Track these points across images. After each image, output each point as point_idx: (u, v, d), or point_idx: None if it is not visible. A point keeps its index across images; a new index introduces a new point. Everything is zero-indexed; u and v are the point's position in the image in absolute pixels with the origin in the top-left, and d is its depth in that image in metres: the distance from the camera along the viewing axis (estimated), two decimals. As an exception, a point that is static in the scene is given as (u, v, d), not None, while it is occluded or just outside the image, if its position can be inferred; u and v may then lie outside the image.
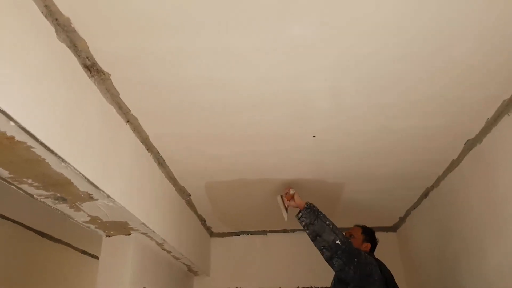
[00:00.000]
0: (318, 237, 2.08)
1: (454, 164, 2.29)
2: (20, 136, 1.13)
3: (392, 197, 2.91)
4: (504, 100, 1.71)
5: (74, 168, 1.34)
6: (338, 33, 1.33)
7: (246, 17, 1.25)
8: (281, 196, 2.50)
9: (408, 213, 3.19)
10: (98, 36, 1.32)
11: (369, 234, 2.53)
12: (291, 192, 2.36)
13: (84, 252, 4.30)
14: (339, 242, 2.03)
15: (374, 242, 2.52)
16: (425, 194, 2.77)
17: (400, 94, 1.68)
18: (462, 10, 1.25)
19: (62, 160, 1.28)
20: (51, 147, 1.20)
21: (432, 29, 1.32)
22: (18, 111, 1.06)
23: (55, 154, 1.24)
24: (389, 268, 3.60)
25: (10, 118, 1.04)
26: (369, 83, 1.60)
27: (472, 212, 2.18)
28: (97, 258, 4.56)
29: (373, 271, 2.14)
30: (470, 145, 2.07)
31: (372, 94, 1.68)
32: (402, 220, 3.37)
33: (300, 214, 2.17)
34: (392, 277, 2.31)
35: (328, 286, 2.47)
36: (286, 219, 2.47)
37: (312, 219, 2.04)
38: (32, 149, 1.21)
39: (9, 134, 1.12)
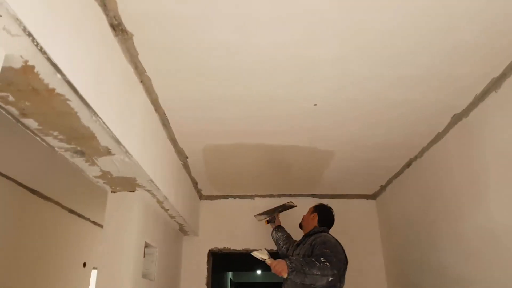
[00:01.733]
0: (312, 285, 2.16)
1: (439, 136, 2.48)
2: (62, 89, 1.20)
3: (376, 166, 3.10)
4: (493, 78, 1.88)
5: (103, 122, 1.42)
6: (349, 5, 1.43)
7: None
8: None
9: (389, 182, 3.40)
10: (128, -4, 1.37)
11: (319, 207, 2.72)
12: (268, 262, 2.25)
13: (71, 211, 4.37)
14: (331, 278, 2.11)
15: (323, 214, 2.66)
16: (408, 164, 2.97)
17: (396, 66, 1.81)
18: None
19: (94, 113, 1.36)
20: (88, 100, 1.28)
21: (430, 9, 1.45)
22: (65, 64, 1.12)
23: (89, 108, 1.32)
24: (367, 233, 3.87)
25: (58, 70, 1.10)
26: (370, 53, 1.72)
27: (452, 181, 2.39)
28: (83, 217, 4.65)
29: (345, 258, 2.30)
30: (457, 118, 2.25)
31: (372, 64, 1.80)
32: (382, 188, 3.59)
33: (289, 278, 2.14)
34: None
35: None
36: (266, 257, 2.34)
37: (302, 277, 2.09)
38: (68, 102, 1.28)
39: (51, 86, 1.19)
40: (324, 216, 2.67)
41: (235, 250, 3.77)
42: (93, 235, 4.90)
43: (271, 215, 3.30)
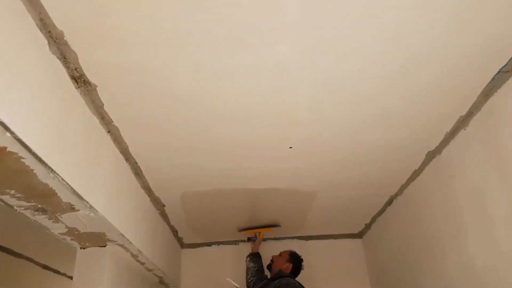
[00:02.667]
0: None
1: (416, 173, 2.46)
2: (13, 147, 1.14)
3: (359, 205, 3.06)
4: (461, 116, 1.89)
5: (62, 179, 1.35)
6: (317, 54, 1.44)
7: (235, 38, 1.33)
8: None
9: (373, 220, 3.35)
10: (88, 48, 1.35)
11: (295, 258, 2.84)
12: None
13: (46, 267, 4.15)
14: None
15: (297, 266, 2.81)
16: (390, 202, 2.94)
17: (368, 109, 1.81)
18: (425, 35, 1.39)
19: (51, 170, 1.29)
20: (43, 158, 1.21)
21: (396, 52, 1.46)
22: (14, 122, 1.07)
23: (45, 165, 1.25)
24: (355, 272, 3.82)
25: (7, 128, 1.05)
26: (342, 98, 1.72)
27: (433, 218, 2.35)
28: (59, 273, 4.43)
29: None
30: (431, 156, 2.25)
31: (345, 108, 1.80)
32: (367, 227, 3.53)
33: None
34: None
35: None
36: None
37: None
38: (22, 159, 1.21)
39: (1, 144, 1.13)
40: (297, 267, 2.80)
41: (220, 300, 3.59)
42: (70, 291, 4.64)
43: (253, 234, 3.26)
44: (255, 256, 3.10)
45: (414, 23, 1.33)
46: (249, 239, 3.24)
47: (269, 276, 2.89)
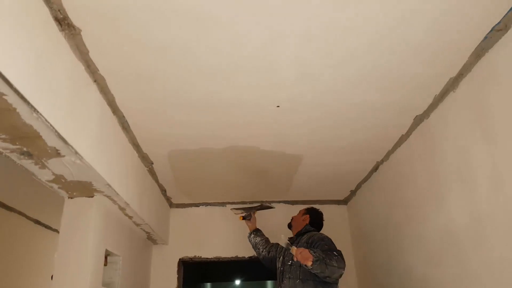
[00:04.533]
0: (328, 278, 2.24)
1: (403, 139, 2.49)
2: (-6, 82, 1.14)
3: (345, 171, 3.10)
4: (450, 78, 1.89)
5: (45, 120, 1.36)
6: (303, 5, 1.42)
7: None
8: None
9: (358, 186, 3.41)
10: (72, -11, 1.32)
11: (311, 210, 2.83)
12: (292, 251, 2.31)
13: (37, 222, 4.21)
14: (342, 272, 2.25)
15: (314, 216, 2.77)
16: (375, 168, 2.98)
17: (357, 69, 1.81)
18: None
19: (34, 110, 1.29)
20: (25, 95, 1.22)
21: (388, 6, 1.44)
22: (-6, 55, 1.06)
23: (28, 103, 1.25)
24: (338, 238, 3.89)
25: (-14, 61, 1.04)
26: (331, 55, 1.72)
27: (416, 183, 2.40)
28: (50, 228, 4.49)
29: None
30: (418, 120, 2.26)
31: (333, 67, 1.79)
32: (353, 193, 3.59)
33: (311, 267, 2.20)
34: None
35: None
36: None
37: (323, 268, 2.16)
38: (4, 96, 1.21)
39: (-19, 79, 1.12)
40: (315, 218, 2.76)
41: (206, 258, 3.70)
42: (61, 247, 4.72)
43: (248, 212, 3.21)
44: (256, 232, 3.09)
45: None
46: (244, 218, 3.20)
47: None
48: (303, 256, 2.16)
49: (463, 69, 1.82)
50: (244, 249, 3.62)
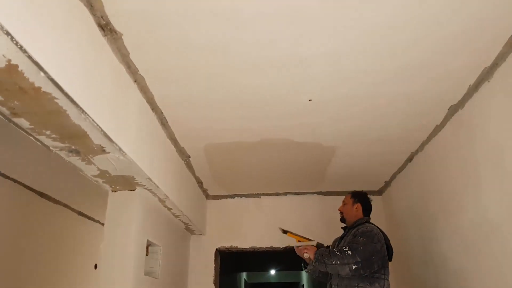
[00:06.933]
0: (338, 275, 2.20)
1: (437, 129, 2.46)
2: (47, 87, 1.24)
3: (379, 162, 3.09)
4: (485, 68, 1.86)
5: (92, 120, 1.46)
6: (336, 1, 1.44)
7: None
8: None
9: (393, 177, 3.38)
10: (113, -4, 1.41)
11: (358, 195, 2.59)
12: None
13: (81, 214, 4.45)
14: (355, 267, 2.09)
15: (365, 202, 2.56)
16: (410, 158, 2.95)
17: (390, 60, 1.81)
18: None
19: (82, 111, 1.40)
20: (74, 98, 1.32)
21: (418, 3, 1.45)
22: (47, 62, 1.16)
23: (77, 105, 1.36)
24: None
25: (41, 68, 1.15)
26: (363, 49, 1.73)
27: (450, 173, 2.37)
28: (93, 220, 4.74)
29: (381, 248, 2.23)
30: (453, 110, 2.23)
31: (364, 60, 1.80)
32: (387, 184, 3.57)
33: (312, 266, 2.32)
34: (388, 239, 2.39)
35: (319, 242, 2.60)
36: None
37: (323, 267, 2.18)
38: (55, 100, 1.32)
39: (36, 84, 1.23)
40: (366, 204, 2.56)
41: (242, 248, 3.79)
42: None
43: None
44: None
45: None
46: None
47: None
48: (308, 252, 2.29)
49: (498, 58, 1.78)
50: (278, 240, 3.70)
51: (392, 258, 2.34)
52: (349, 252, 2.11)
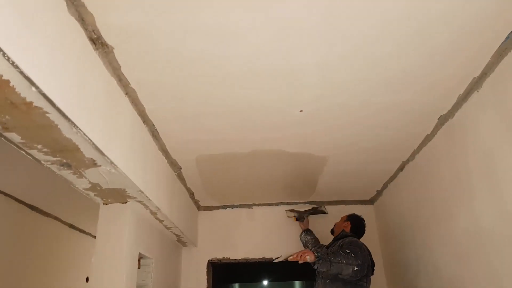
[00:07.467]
0: (339, 274, 2.32)
1: (428, 138, 2.48)
2: (38, 102, 1.24)
3: (371, 171, 3.11)
4: (474, 78, 1.89)
5: (84, 134, 1.45)
6: (326, 13, 1.47)
7: (245, -4, 1.37)
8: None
9: (385, 186, 3.40)
10: (104, 10, 1.41)
11: (353, 216, 2.99)
12: (290, 259, 2.38)
13: (72, 226, 4.39)
14: (356, 268, 2.28)
15: (356, 223, 2.90)
16: (401, 167, 2.97)
17: (379, 71, 1.83)
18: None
19: (74, 125, 1.39)
20: (66, 112, 1.31)
21: (406, 13, 1.47)
22: (39, 77, 1.16)
23: (68, 120, 1.35)
24: (366, 238, 3.90)
25: (32, 83, 1.14)
26: (353, 60, 1.75)
27: (441, 182, 2.39)
28: (84, 232, 4.68)
29: (367, 257, 2.49)
30: (443, 120, 2.26)
31: (354, 70, 1.83)
32: (379, 193, 3.58)
33: (316, 266, 2.34)
34: (371, 254, 2.62)
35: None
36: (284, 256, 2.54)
37: (328, 266, 2.25)
38: (47, 114, 1.31)
39: (28, 99, 1.22)
40: (356, 224, 2.89)
41: (235, 259, 3.77)
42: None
43: (301, 215, 3.58)
44: (307, 231, 3.40)
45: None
46: (297, 219, 3.58)
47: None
48: (305, 254, 2.28)
49: (486, 68, 1.81)
50: (271, 250, 3.68)
51: (374, 272, 2.56)
52: (352, 254, 2.28)
